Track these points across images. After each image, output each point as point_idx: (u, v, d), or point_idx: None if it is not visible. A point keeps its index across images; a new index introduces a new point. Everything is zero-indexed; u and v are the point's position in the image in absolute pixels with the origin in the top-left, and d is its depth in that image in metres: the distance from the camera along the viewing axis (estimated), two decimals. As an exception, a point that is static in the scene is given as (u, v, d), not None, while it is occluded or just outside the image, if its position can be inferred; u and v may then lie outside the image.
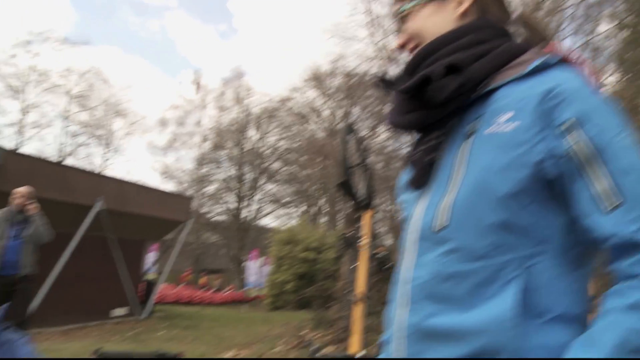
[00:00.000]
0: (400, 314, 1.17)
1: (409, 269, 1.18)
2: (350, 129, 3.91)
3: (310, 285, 18.20)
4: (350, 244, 4.07)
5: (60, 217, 11.84)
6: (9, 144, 29.90)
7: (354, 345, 3.48)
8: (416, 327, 1.13)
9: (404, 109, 1.24)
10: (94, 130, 35.27)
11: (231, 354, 7.79)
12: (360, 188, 3.68)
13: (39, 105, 34.06)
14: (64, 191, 11.68)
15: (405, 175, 1.30)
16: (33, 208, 6.92)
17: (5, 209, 6.93)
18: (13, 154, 12.00)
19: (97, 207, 12.50)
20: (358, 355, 3.41)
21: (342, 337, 6.57)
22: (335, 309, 7.58)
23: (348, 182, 3.65)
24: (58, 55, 50.02)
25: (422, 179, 1.20)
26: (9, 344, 1.63)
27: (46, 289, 10.91)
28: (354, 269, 3.64)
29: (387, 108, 1.30)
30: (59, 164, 15.38)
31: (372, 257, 3.80)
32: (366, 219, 3.71)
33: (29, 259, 7.03)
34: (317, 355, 4.26)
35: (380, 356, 1.30)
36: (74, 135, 34.75)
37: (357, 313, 3.52)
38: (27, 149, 29.51)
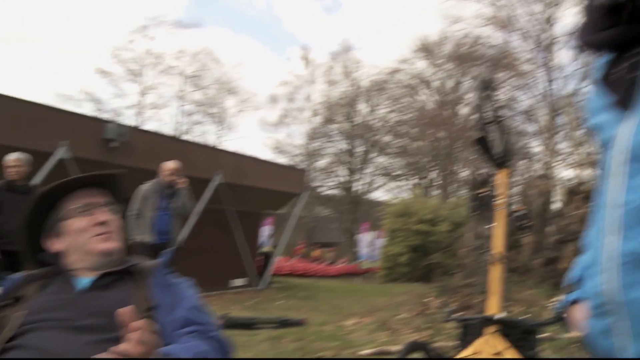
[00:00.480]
0: (610, 242, 1.06)
1: (618, 192, 1.06)
2: (486, 84, 3.69)
3: (424, 258, 18.00)
4: (484, 203, 3.89)
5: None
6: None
7: (493, 307, 3.33)
8: (632, 255, 1.01)
9: (599, 25, 1.13)
10: (208, 109, 36.41)
11: (352, 322, 7.79)
12: (497, 145, 3.48)
13: (156, 87, 35.54)
14: (184, 165, 12.08)
15: (597, 97, 1.19)
16: (182, 182, 6.95)
17: (154, 181, 7.02)
18: (137, 131, 12.54)
19: (216, 180, 12.85)
20: (497, 317, 3.27)
21: (468, 305, 6.40)
22: (460, 276, 7.40)
23: (484, 139, 3.48)
24: (171, 38, 51.85)
25: (628, 99, 1.08)
26: (175, 286, 1.70)
27: (171, 259, 11.34)
28: (489, 230, 3.48)
29: (577, 27, 1.19)
30: (179, 139, 15.93)
31: (510, 215, 3.59)
32: (502, 177, 3.52)
33: (177, 230, 7.16)
34: (453, 317, 4.11)
35: (586, 288, 1.16)
36: (189, 114, 36.09)
37: (495, 274, 3.37)
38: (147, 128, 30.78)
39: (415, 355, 3.85)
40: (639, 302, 1.00)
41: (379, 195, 34.81)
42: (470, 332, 3.92)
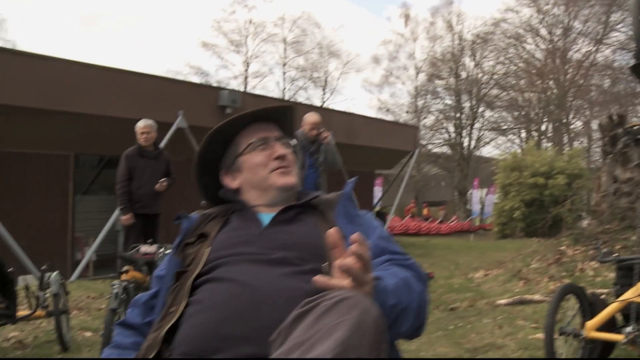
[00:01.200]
0: None
1: None
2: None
3: (539, 213, 17.46)
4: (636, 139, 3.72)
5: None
6: (238, 93, 32.14)
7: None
8: None
9: None
10: (311, 74, 36.62)
11: (480, 275, 7.76)
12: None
13: (259, 56, 36.08)
14: (296, 126, 12.28)
15: None
16: (326, 136, 6.33)
17: (296, 135, 6.62)
18: (249, 96, 12.85)
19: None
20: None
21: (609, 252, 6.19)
22: (595, 223, 7.16)
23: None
24: (271, 5, 52.15)
25: None
26: (359, 217, 1.65)
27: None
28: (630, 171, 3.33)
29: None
30: (289, 102, 16.14)
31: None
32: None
33: (325, 187, 6.49)
34: (611, 257, 4.00)
35: None
36: (293, 80, 36.43)
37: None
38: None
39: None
40: None
41: (489, 150, 33.99)
42: (628, 274, 3.82)
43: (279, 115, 1.77)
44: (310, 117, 6.30)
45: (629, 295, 3.69)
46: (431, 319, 5.29)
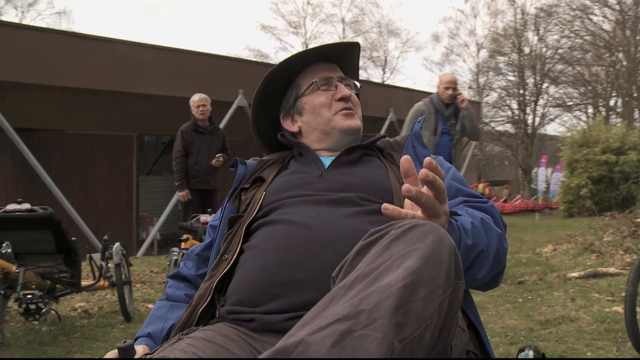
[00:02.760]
0: None
1: None
2: None
3: (608, 190, 16.85)
4: None
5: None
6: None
7: None
8: None
9: None
10: (370, 53, 36.32)
11: (549, 249, 7.50)
12: None
13: (318, 37, 35.98)
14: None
15: None
16: (464, 99, 5.54)
17: (429, 99, 5.58)
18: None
19: (389, 118, 12.80)
20: None
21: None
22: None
23: None
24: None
25: None
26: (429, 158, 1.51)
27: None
28: None
29: None
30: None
31: None
32: None
33: (458, 161, 5.76)
34: None
35: None
36: (352, 60, 36.17)
37: None
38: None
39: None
40: None
41: (554, 127, 33.00)
42: None
43: (344, 54, 1.63)
44: (445, 76, 5.62)
45: None
46: (498, 292, 5.15)
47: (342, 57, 1.64)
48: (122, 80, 9.54)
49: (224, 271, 1.31)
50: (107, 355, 1.23)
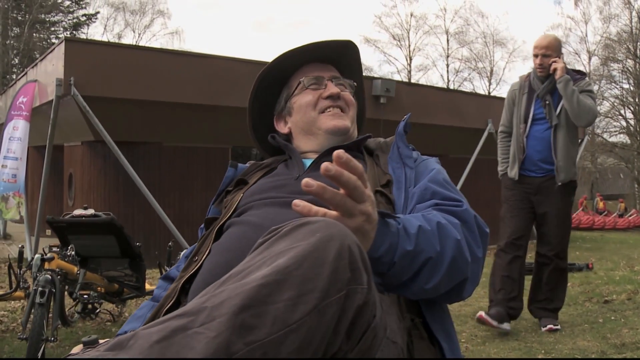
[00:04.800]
0: None
1: None
2: None
3: None
4: None
5: (453, 142, 12.16)
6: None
7: None
8: None
9: None
10: (476, 64, 35.65)
11: (647, 267, 7.03)
12: None
13: (422, 49, 35.78)
14: (455, 116, 11.89)
15: None
16: (558, 68, 4.17)
17: (526, 75, 4.49)
18: (403, 85, 12.67)
19: (488, 129, 12.47)
20: None
21: None
22: None
23: None
24: (435, -4, 51.33)
25: None
26: (416, 160, 1.49)
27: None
28: None
29: None
30: (446, 89, 15.77)
31: None
32: None
33: (567, 156, 4.28)
34: None
35: None
36: (457, 71, 35.67)
37: None
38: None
39: None
40: None
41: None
42: None
43: (340, 54, 1.61)
44: (537, 41, 4.38)
45: None
46: (580, 311, 4.88)
47: (338, 57, 1.62)
48: (217, 93, 9.86)
49: (192, 272, 1.33)
50: (73, 350, 1.27)
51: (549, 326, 4.21)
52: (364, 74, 1.74)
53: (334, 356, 0.85)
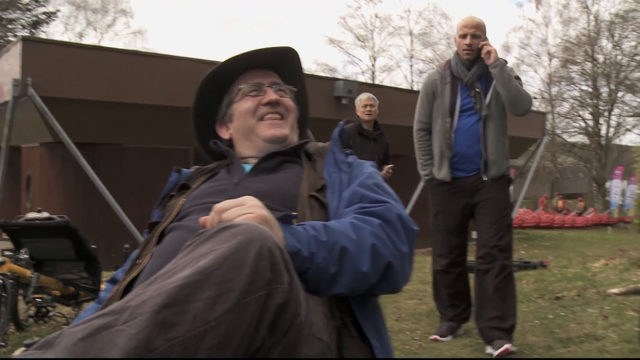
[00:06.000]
0: None
1: None
2: None
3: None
4: None
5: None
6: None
7: None
8: None
9: None
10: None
11: (600, 264, 7.23)
12: None
13: (386, 50, 35.99)
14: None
15: None
16: (491, 52, 3.71)
17: (445, 62, 4.04)
18: (365, 86, 12.77)
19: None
20: None
21: None
22: None
23: None
24: (398, -2, 51.78)
25: None
26: (350, 165, 1.51)
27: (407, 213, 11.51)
28: None
29: None
30: (410, 91, 15.89)
31: None
32: None
33: (498, 149, 3.86)
34: None
35: None
36: (421, 72, 35.97)
37: None
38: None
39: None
40: None
41: (630, 138, 31.68)
42: None
43: (281, 60, 1.66)
44: (464, 20, 3.92)
45: None
46: (532, 308, 5.01)
47: (279, 63, 1.66)
48: (180, 95, 9.81)
49: (133, 275, 1.35)
50: (15, 353, 1.29)
51: (505, 347, 3.54)
52: (328, 74, 1.80)
53: (258, 351, 0.90)
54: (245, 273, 0.87)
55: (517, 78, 3.83)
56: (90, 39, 34.14)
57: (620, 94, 30.60)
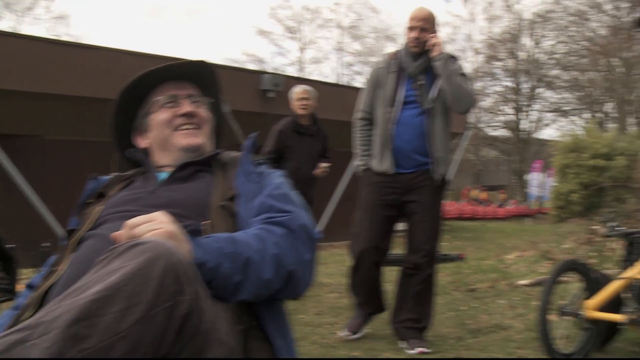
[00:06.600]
0: None
1: None
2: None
3: (597, 196, 16.88)
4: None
5: (342, 137, 12.46)
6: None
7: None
8: None
9: None
10: (368, 58, 36.43)
11: (514, 256, 7.58)
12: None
13: (315, 42, 36.13)
14: (343, 110, 12.18)
15: None
16: (436, 45, 3.72)
17: (394, 52, 3.96)
18: (292, 80, 12.83)
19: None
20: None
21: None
22: (634, 201, 6.94)
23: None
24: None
25: None
26: (260, 175, 1.57)
27: (332, 207, 11.70)
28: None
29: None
30: (337, 85, 16.03)
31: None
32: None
33: (444, 147, 3.85)
34: (617, 231, 3.80)
35: None
36: (350, 65, 36.33)
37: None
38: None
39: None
40: None
41: (549, 133, 32.98)
42: (637, 249, 3.64)
43: (197, 72, 1.73)
44: (414, 12, 3.84)
45: (632, 272, 3.52)
46: (447, 300, 5.23)
47: (196, 75, 1.73)
48: (104, 86, 9.61)
49: (51, 282, 1.40)
50: None
51: (419, 349, 3.59)
52: (256, 65, 1.87)
53: (166, 357, 0.99)
54: (152, 287, 0.95)
55: (463, 75, 3.78)
56: (7, 22, 32.73)
57: (539, 90, 31.82)
